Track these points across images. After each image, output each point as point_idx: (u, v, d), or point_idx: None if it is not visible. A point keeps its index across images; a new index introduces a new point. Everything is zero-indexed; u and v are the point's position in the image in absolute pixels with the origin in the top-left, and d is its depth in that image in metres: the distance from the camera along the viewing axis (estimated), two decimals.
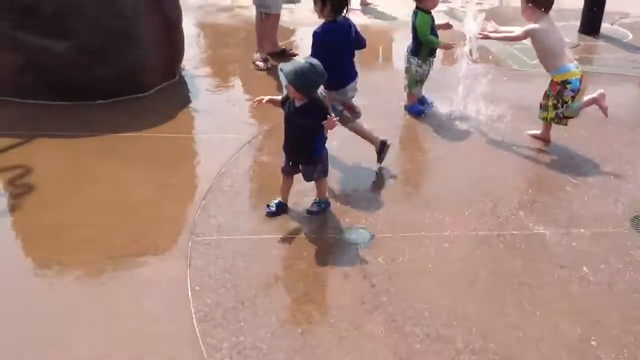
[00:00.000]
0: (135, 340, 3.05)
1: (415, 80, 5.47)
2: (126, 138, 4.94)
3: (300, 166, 3.96)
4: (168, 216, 4.04)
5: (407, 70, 5.50)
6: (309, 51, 6.82)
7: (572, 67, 4.84)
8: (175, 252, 3.68)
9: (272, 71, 6.43)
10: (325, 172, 4.00)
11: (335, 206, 4.16)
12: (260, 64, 6.43)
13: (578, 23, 7.91)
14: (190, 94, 5.93)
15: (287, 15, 7.44)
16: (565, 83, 4.83)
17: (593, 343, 3.13)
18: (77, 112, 5.25)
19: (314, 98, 3.74)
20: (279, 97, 3.92)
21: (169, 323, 3.16)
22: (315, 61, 3.64)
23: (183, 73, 6.24)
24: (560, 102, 4.89)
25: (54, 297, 3.33)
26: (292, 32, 7.73)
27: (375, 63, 7.02)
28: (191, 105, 5.70)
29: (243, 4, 8.57)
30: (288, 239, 3.83)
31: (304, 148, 3.86)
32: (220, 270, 3.53)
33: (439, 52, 5.64)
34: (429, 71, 5.50)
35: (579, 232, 3.98)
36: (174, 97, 5.79)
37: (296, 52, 6.89)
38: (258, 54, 6.51)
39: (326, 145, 3.95)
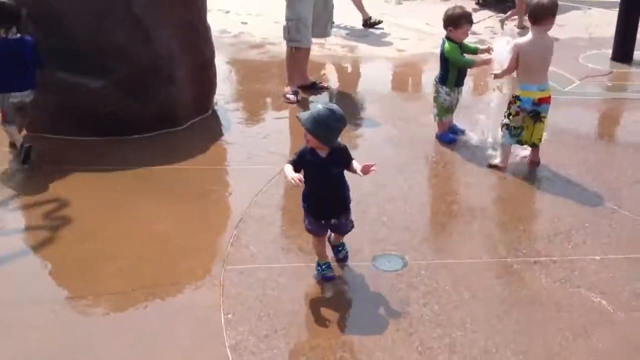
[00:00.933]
0: None
1: (444, 109, 5.47)
2: (159, 171, 5.03)
3: (332, 221, 3.63)
4: (201, 246, 4.07)
5: (436, 99, 5.51)
6: (339, 84, 7.05)
7: (534, 87, 4.82)
8: (208, 281, 3.70)
9: (302, 104, 6.49)
10: (352, 223, 3.77)
11: (365, 233, 4.15)
12: (291, 96, 6.51)
13: (610, 50, 7.84)
14: (222, 128, 6.03)
15: (316, 49, 7.53)
16: (517, 98, 4.89)
17: None
18: (112, 147, 5.37)
19: (336, 146, 3.47)
20: (289, 165, 3.49)
21: (202, 352, 3.15)
22: (334, 107, 3.38)
23: (216, 108, 6.35)
24: (507, 112, 4.97)
25: (89, 326, 3.36)
26: (322, 65, 7.84)
27: (405, 94, 7.06)
28: (223, 138, 5.78)
29: (273, 41, 8.74)
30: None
31: (340, 199, 3.61)
32: (253, 299, 3.53)
33: (468, 81, 5.64)
34: (457, 99, 5.51)
35: (620, 258, 3.88)
36: (207, 131, 5.89)
37: (326, 85, 6.96)
38: (288, 87, 6.60)
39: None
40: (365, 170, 3.45)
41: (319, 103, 3.44)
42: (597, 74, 7.32)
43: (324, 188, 3.56)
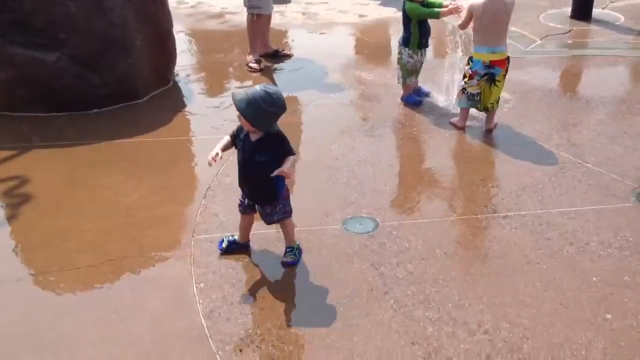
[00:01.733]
0: (142, 339, 2.99)
1: (408, 71, 5.44)
2: (122, 144, 4.90)
3: (256, 206, 3.45)
4: (168, 217, 3.99)
5: (399, 61, 5.48)
6: (301, 52, 6.94)
7: (484, 50, 4.77)
8: (178, 251, 3.63)
9: (265, 72, 6.41)
10: (287, 213, 3.44)
11: (336, 197, 4.12)
12: (254, 65, 6.40)
13: (569, 9, 7.89)
14: (184, 99, 5.90)
15: (277, 17, 7.40)
16: (470, 59, 4.91)
17: (607, 316, 3.08)
18: (72, 123, 5.21)
19: (271, 132, 3.21)
20: (227, 137, 3.38)
21: (175, 321, 3.10)
22: (272, 89, 3.12)
23: (176, 79, 6.21)
24: (463, 74, 5.00)
25: (57, 301, 3.27)
26: (283, 33, 7.72)
27: (368, 59, 6.99)
28: (186, 109, 5.66)
29: (233, 10, 8.56)
30: (306, 230, 3.78)
31: (262, 188, 3.30)
32: (225, 267, 3.48)
33: (431, 44, 5.61)
34: (421, 62, 5.47)
35: (585, 209, 3.94)
36: (168, 102, 5.76)
37: (289, 52, 6.85)
38: (251, 56, 6.48)
39: None
40: (282, 173, 3.15)
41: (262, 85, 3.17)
42: (558, 32, 7.38)
43: (247, 173, 3.31)
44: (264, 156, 3.19)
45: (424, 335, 2.97)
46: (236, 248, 3.59)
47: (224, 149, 3.38)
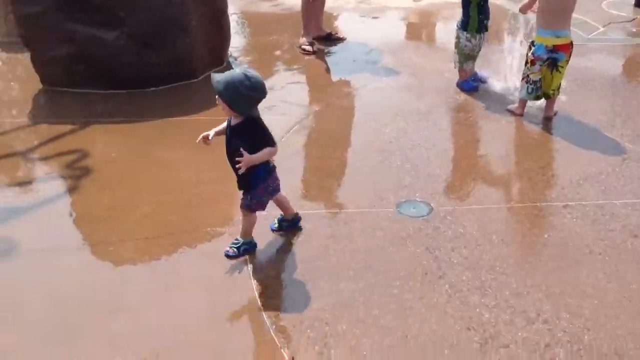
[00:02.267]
0: (199, 311, 3.03)
1: (465, 55, 5.33)
2: (177, 122, 4.96)
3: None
4: (221, 194, 4.02)
5: (457, 45, 5.37)
6: (354, 36, 6.88)
7: (548, 33, 4.60)
8: (231, 227, 3.64)
9: (318, 55, 6.38)
10: (250, 207, 3.28)
11: (389, 180, 4.08)
12: (307, 47, 6.38)
13: None
14: None
15: (330, 0, 7.34)
16: (531, 44, 4.76)
17: None
18: (130, 100, 5.30)
19: (249, 117, 3.11)
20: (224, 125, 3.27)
21: (230, 295, 3.12)
22: (251, 73, 3.04)
23: (230, 60, 6.24)
24: (526, 59, 4.85)
25: (118, 272, 3.33)
26: (336, 16, 7.67)
27: (423, 43, 6.89)
28: None
29: None
30: (344, 214, 3.77)
31: (237, 174, 3.20)
32: (278, 244, 3.49)
33: (491, 28, 5.48)
34: (480, 46, 5.35)
35: None
36: None
37: (342, 36, 6.80)
38: (304, 38, 6.46)
39: None
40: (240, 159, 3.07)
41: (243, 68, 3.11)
42: (621, 20, 7.12)
43: (227, 157, 3.24)
44: (240, 142, 3.11)
45: (480, 322, 2.92)
46: (290, 225, 3.56)
47: (219, 133, 3.31)
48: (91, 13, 5.29)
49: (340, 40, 6.75)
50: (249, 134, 3.12)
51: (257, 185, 3.24)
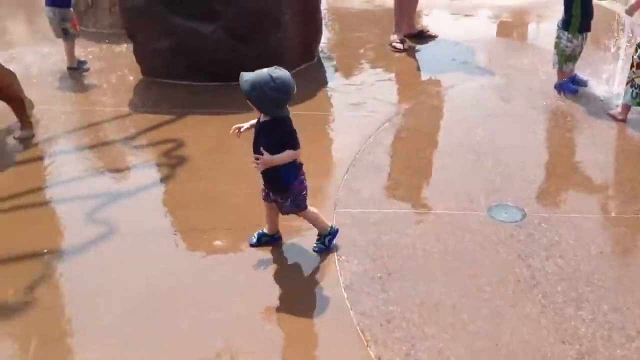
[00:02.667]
0: (287, 301, 3.08)
1: (566, 56, 5.11)
2: None
3: (270, 194, 3.32)
4: (311, 189, 4.03)
5: (557, 45, 5.16)
6: (446, 34, 6.76)
7: None
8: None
9: (409, 52, 6.31)
10: (297, 206, 3.27)
11: (480, 182, 3.98)
12: (398, 45, 6.33)
13: None
14: (328, 75, 5.96)
15: None
16: (638, 47, 4.51)
17: None
18: (225, 92, 5.42)
19: (275, 116, 3.10)
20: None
21: (318, 289, 3.16)
22: (278, 73, 3.04)
23: (321, 55, 6.29)
24: (632, 63, 4.59)
25: (209, 258, 3.43)
26: (427, 14, 7.56)
27: (519, 43, 6.68)
28: (329, 85, 5.71)
29: None
30: (433, 214, 3.71)
31: (266, 176, 3.22)
32: (365, 242, 3.48)
33: (594, 29, 5.23)
34: (581, 47, 5.12)
35: None
36: (313, 77, 5.84)
37: (434, 34, 6.70)
38: (395, 36, 6.41)
39: None
40: (258, 158, 3.12)
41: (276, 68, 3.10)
42: None
43: (253, 153, 3.20)
44: (264, 140, 3.12)
45: (576, 335, 2.80)
46: (269, 241, 3.46)
47: (252, 126, 3.29)
48: (190, 6, 5.47)
49: (432, 38, 6.65)
50: (274, 134, 3.12)
51: (291, 183, 3.22)
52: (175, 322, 2.97)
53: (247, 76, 3.06)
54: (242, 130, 3.30)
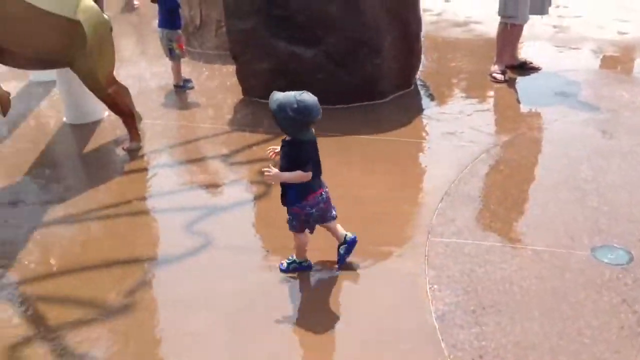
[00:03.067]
0: (373, 327, 3.03)
1: None
2: (363, 140, 5.06)
3: None
4: (404, 215, 4.02)
5: None
6: (549, 66, 6.57)
7: None
8: (412, 249, 3.63)
9: (509, 84, 6.18)
10: (292, 227, 3.34)
11: (584, 221, 3.80)
12: (498, 76, 6.21)
13: None
14: (424, 103, 5.92)
15: (526, 28, 7.07)
16: None
17: None
18: None
19: (294, 139, 3.17)
20: None
21: (407, 317, 3.09)
22: (303, 97, 3.10)
23: (418, 82, 6.26)
24: None
25: (296, 275, 3.45)
26: (531, 45, 7.38)
27: (626, 79, 6.38)
28: (425, 113, 5.66)
29: (478, 19, 8.42)
30: (531, 250, 3.57)
31: (281, 192, 3.30)
32: (459, 273, 3.39)
33: None
34: None
35: None
36: (410, 105, 5.83)
37: (537, 66, 6.52)
38: (496, 66, 6.30)
39: None
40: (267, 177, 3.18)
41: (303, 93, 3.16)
42: None
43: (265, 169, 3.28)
44: (283, 159, 3.21)
45: None
46: (299, 268, 3.45)
47: None
48: (293, 31, 5.62)
49: (535, 70, 6.48)
50: (291, 155, 3.19)
51: (291, 204, 3.28)
52: (263, 336, 2.99)
53: (276, 96, 3.16)
54: (276, 151, 3.37)
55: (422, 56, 6.43)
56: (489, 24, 7.72)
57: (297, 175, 3.16)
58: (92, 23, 4.51)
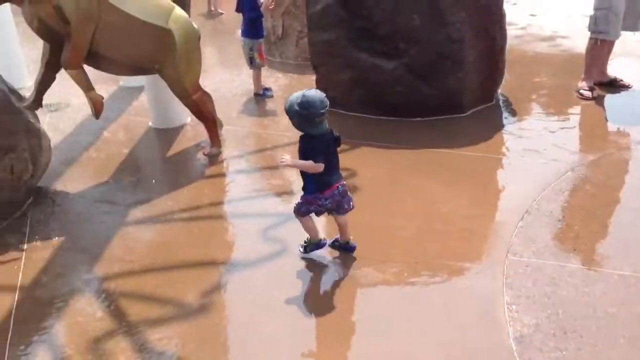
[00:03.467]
0: (450, 345, 2.97)
1: None
2: (441, 154, 4.99)
3: None
4: (483, 232, 3.92)
5: None
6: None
7: None
8: (490, 267, 3.53)
9: (598, 101, 5.93)
10: (298, 207, 3.62)
11: None
12: (586, 92, 5.97)
13: None
14: (506, 118, 5.77)
15: (618, 44, 6.79)
16: None
17: None
18: (398, 128, 5.50)
19: (306, 134, 3.43)
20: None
21: (484, 336, 3.01)
22: (309, 92, 3.35)
23: (500, 97, 6.12)
24: None
25: (374, 290, 3.43)
26: (621, 62, 7.06)
27: None
28: (507, 128, 5.52)
29: (564, 34, 8.16)
30: (618, 275, 3.40)
31: (303, 182, 3.58)
32: (539, 294, 3.27)
33: None
34: None
35: None
36: (491, 119, 5.70)
37: (627, 83, 6.24)
38: (584, 82, 6.06)
39: None
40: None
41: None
42: None
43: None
44: (299, 153, 3.47)
45: None
46: (315, 247, 3.69)
47: None
48: (375, 43, 5.62)
49: (625, 87, 6.20)
50: (302, 148, 3.46)
51: (306, 193, 3.55)
52: (335, 343, 2.99)
53: (291, 96, 3.41)
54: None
55: (509, 70, 6.29)
56: (577, 39, 7.49)
57: (308, 164, 3.40)
58: (182, 32, 4.69)
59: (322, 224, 3.95)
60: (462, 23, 5.51)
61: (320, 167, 3.39)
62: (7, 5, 4.69)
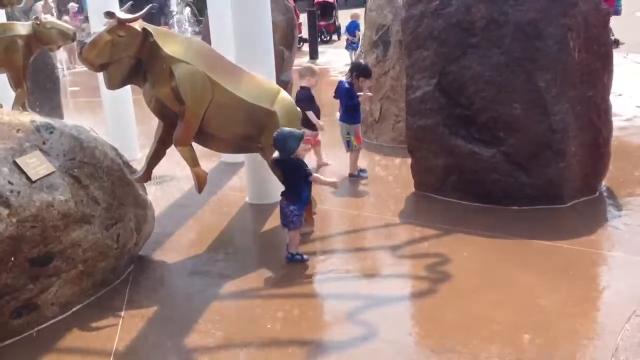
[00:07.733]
0: None
1: None
2: (541, 246, 4.79)
3: None
4: (584, 332, 3.67)
5: None
6: None
7: None
8: None
9: None
10: (297, 222, 4.76)
11: None
12: None
13: None
14: (610, 212, 5.49)
15: None
16: None
17: None
18: (493, 216, 5.37)
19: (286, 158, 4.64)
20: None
21: None
22: (288, 130, 4.60)
23: (604, 190, 5.87)
24: None
25: None
26: None
27: None
28: (611, 223, 5.24)
29: None
30: None
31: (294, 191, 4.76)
32: None
33: None
34: None
35: None
36: (593, 212, 5.45)
37: None
38: None
39: None
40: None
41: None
42: None
43: None
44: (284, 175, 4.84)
45: None
46: (298, 258, 4.71)
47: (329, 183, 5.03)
48: (473, 130, 5.62)
49: None
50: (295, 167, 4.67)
51: (303, 202, 4.78)
52: None
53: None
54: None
55: (614, 162, 6.05)
56: None
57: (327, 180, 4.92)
58: (285, 114, 4.92)
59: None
60: (566, 114, 5.41)
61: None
62: (129, 85, 5.13)
